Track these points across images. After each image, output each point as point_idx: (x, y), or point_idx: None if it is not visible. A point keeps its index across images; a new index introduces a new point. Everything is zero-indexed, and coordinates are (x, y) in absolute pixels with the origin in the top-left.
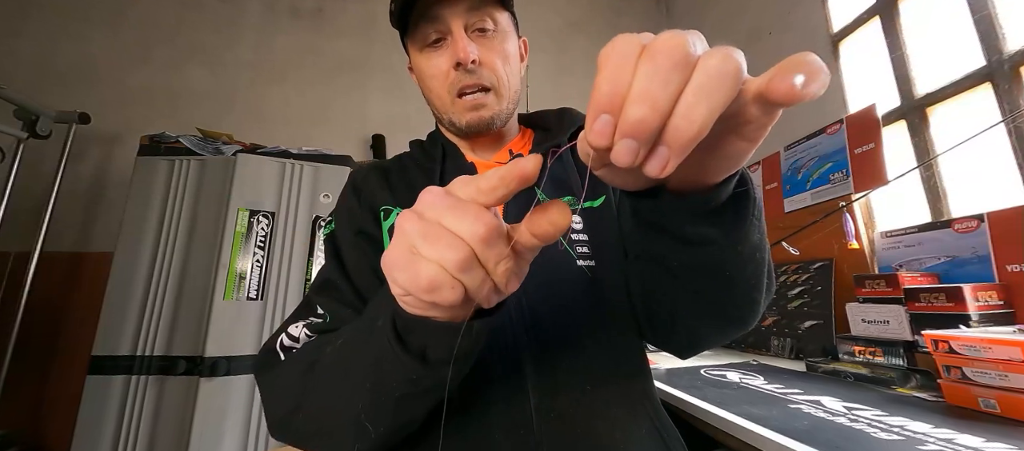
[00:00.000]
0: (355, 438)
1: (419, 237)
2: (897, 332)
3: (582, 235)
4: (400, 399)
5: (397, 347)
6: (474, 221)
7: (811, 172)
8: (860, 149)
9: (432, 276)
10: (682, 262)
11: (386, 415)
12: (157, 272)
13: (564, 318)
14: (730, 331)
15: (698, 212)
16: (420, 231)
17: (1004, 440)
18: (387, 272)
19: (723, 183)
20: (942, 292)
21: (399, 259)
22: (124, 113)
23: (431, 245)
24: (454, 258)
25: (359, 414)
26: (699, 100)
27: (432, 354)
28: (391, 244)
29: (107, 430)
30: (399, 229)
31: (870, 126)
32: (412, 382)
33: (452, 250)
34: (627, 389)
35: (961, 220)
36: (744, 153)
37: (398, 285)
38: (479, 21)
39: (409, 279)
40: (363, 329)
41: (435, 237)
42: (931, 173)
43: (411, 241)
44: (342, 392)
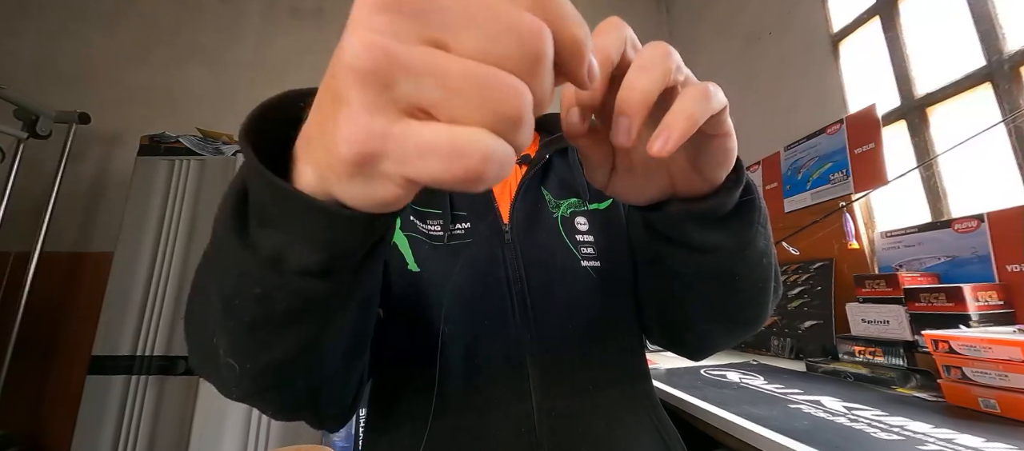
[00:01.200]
0: (228, 376)
1: (434, 87)
2: (897, 332)
3: (588, 236)
4: (254, 326)
5: (237, 246)
6: (531, 31)
7: (811, 172)
8: (860, 149)
9: (496, 153)
10: (693, 269)
11: (247, 348)
12: (157, 272)
13: (568, 318)
14: (740, 333)
15: (707, 221)
16: (425, 72)
17: (1004, 440)
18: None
19: (729, 190)
20: (942, 292)
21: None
22: (124, 113)
23: (468, 96)
24: (513, 112)
25: (218, 348)
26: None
27: (295, 260)
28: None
29: (107, 430)
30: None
31: (870, 126)
32: (260, 300)
33: (509, 98)
34: (629, 389)
35: (961, 220)
36: (722, 147)
37: (412, 182)
38: None
39: (448, 168)
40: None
41: (471, 80)
42: (931, 173)
43: (411, 98)
44: (203, 318)
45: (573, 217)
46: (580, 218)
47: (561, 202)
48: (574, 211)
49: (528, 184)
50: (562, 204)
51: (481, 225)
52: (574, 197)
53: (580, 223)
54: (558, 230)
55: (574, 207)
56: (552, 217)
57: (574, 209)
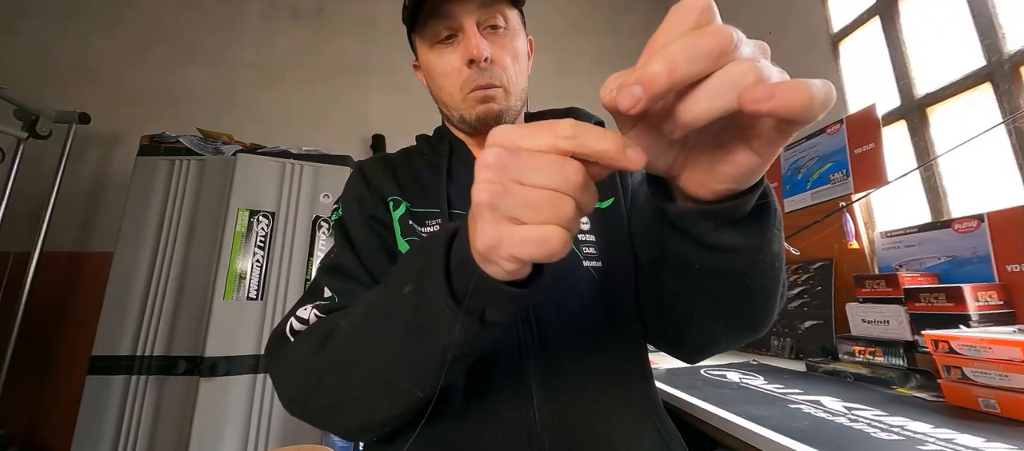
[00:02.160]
0: (392, 401)
1: (520, 205)
2: (897, 332)
3: (589, 236)
4: (454, 361)
5: (455, 310)
6: (569, 172)
7: (811, 172)
8: (860, 149)
9: (562, 238)
10: (704, 266)
11: (432, 378)
12: (157, 272)
13: (569, 318)
14: (744, 335)
15: (723, 221)
16: (516, 199)
17: (1004, 440)
18: (493, 252)
19: (748, 194)
20: (942, 292)
21: (508, 235)
22: (124, 113)
23: (539, 209)
24: (568, 213)
25: (393, 379)
26: (704, 97)
27: (492, 315)
28: (481, 221)
29: (107, 430)
30: (485, 206)
31: (870, 126)
32: (467, 344)
33: (563, 207)
34: (630, 390)
35: (961, 220)
36: (756, 169)
37: (521, 260)
38: (491, 18)
39: (538, 249)
40: (389, 297)
41: (540, 200)
42: (931, 173)
43: (509, 213)
44: (370, 359)
45: None
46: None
47: None
48: None
49: None
50: None
51: None
52: None
53: (582, 223)
54: None
55: None
56: None
57: None
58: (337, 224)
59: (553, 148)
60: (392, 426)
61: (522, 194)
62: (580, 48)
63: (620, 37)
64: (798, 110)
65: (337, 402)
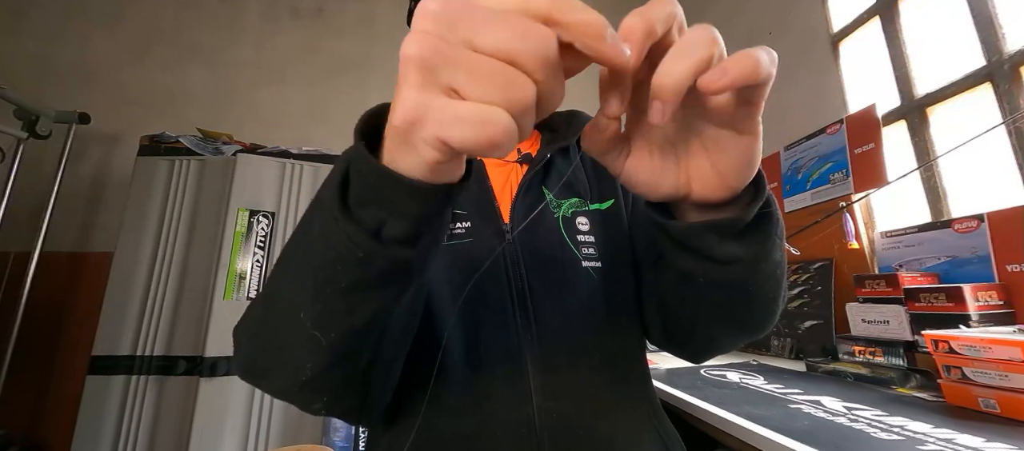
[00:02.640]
0: (306, 353)
1: (464, 72)
2: (897, 332)
3: (589, 237)
4: (347, 291)
5: (344, 221)
6: (539, 38)
7: (811, 172)
8: (860, 149)
9: (509, 128)
10: (708, 278)
11: (335, 316)
12: (157, 272)
13: (568, 318)
14: (746, 337)
15: (726, 233)
16: (462, 63)
17: (1004, 440)
18: (415, 131)
19: (750, 203)
20: (942, 292)
21: (440, 109)
22: (124, 113)
23: (490, 82)
24: (525, 97)
25: (305, 324)
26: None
27: (391, 227)
28: (405, 86)
29: (107, 430)
30: (416, 63)
31: (870, 126)
32: (361, 263)
33: (520, 87)
34: (629, 391)
35: (961, 220)
36: (748, 149)
37: (448, 146)
38: None
39: (475, 134)
40: (303, 227)
41: (492, 70)
42: (931, 173)
43: (447, 80)
44: (287, 306)
45: (574, 217)
46: (581, 218)
47: (562, 202)
48: (575, 211)
49: (529, 183)
50: (563, 204)
51: (482, 224)
52: (576, 197)
53: (581, 223)
54: (559, 230)
55: (575, 207)
56: (553, 217)
57: (575, 209)
58: None
59: (522, 8)
60: (320, 391)
61: (468, 59)
62: None
63: None
64: (751, 75)
65: (267, 359)
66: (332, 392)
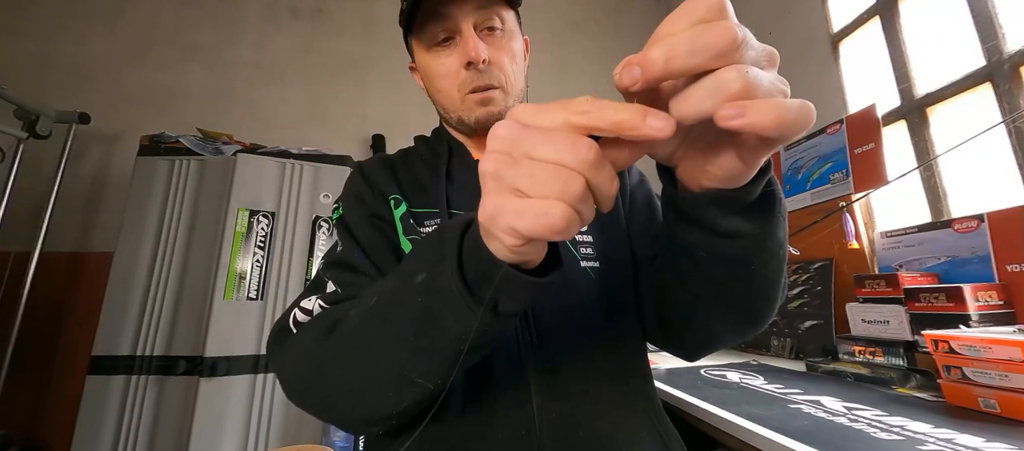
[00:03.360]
0: (403, 393)
1: (524, 177)
2: (897, 332)
3: (587, 237)
4: (468, 352)
5: (468, 298)
6: (580, 148)
7: (811, 172)
8: (860, 149)
9: (565, 214)
10: (712, 253)
11: (445, 369)
12: (157, 272)
13: (568, 319)
14: (746, 329)
15: (731, 207)
16: (522, 171)
17: (1004, 440)
18: (493, 222)
19: (755, 180)
20: (942, 292)
21: (510, 206)
22: (124, 113)
23: (544, 183)
24: (575, 191)
25: (403, 369)
26: (692, 97)
27: (505, 306)
28: (486, 192)
29: (107, 430)
30: (491, 176)
31: (870, 126)
32: (481, 334)
33: (571, 183)
34: (629, 391)
35: (961, 220)
36: (741, 173)
37: (520, 234)
38: (487, 20)
39: (538, 222)
40: (402, 286)
41: (545, 173)
42: (931, 173)
43: (513, 184)
44: (379, 348)
45: None
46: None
47: None
48: None
49: None
50: None
51: None
52: None
53: None
54: None
55: None
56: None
57: None
58: (339, 221)
59: (566, 124)
60: (397, 420)
61: (528, 166)
62: (581, 47)
63: (621, 36)
64: (769, 129)
65: (342, 391)
66: (402, 419)
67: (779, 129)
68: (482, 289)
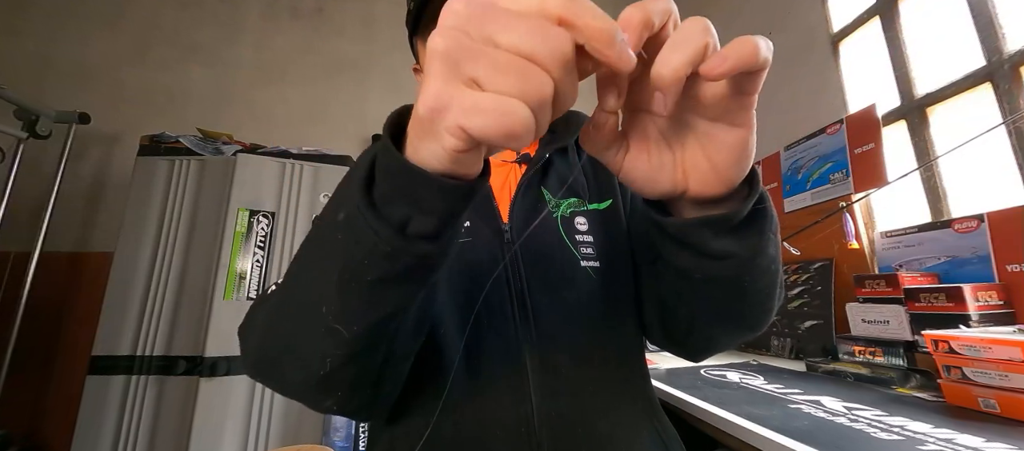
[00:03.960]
0: (325, 347)
1: (486, 65)
2: (897, 332)
3: (587, 236)
4: (374, 285)
5: (371, 216)
6: (556, 38)
7: (811, 172)
8: (860, 149)
9: (526, 119)
10: (704, 274)
11: (359, 309)
12: (157, 272)
13: (567, 317)
14: (744, 336)
15: (721, 228)
16: (483, 58)
17: (1004, 440)
18: (436, 116)
19: (744, 198)
20: (942, 292)
21: (461, 99)
22: (124, 113)
23: (508, 76)
24: (543, 92)
25: (327, 318)
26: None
27: (415, 226)
28: (432, 75)
29: (107, 430)
30: (441, 57)
31: (870, 126)
32: (388, 258)
33: (538, 81)
34: (628, 390)
35: (961, 220)
36: (742, 142)
37: (468, 134)
38: None
39: (494, 123)
40: (324, 222)
41: (510, 65)
42: (931, 173)
43: (470, 73)
44: (306, 301)
45: (573, 217)
46: (580, 218)
47: (561, 202)
48: (574, 211)
49: (528, 183)
50: (562, 204)
51: (481, 225)
52: (574, 197)
53: (580, 223)
54: (558, 230)
55: (574, 207)
56: (552, 217)
57: (574, 209)
58: None
59: (540, 10)
60: (333, 387)
61: (490, 54)
62: None
63: None
64: (752, 59)
65: (281, 350)
66: (346, 388)
67: (758, 57)
68: (392, 206)
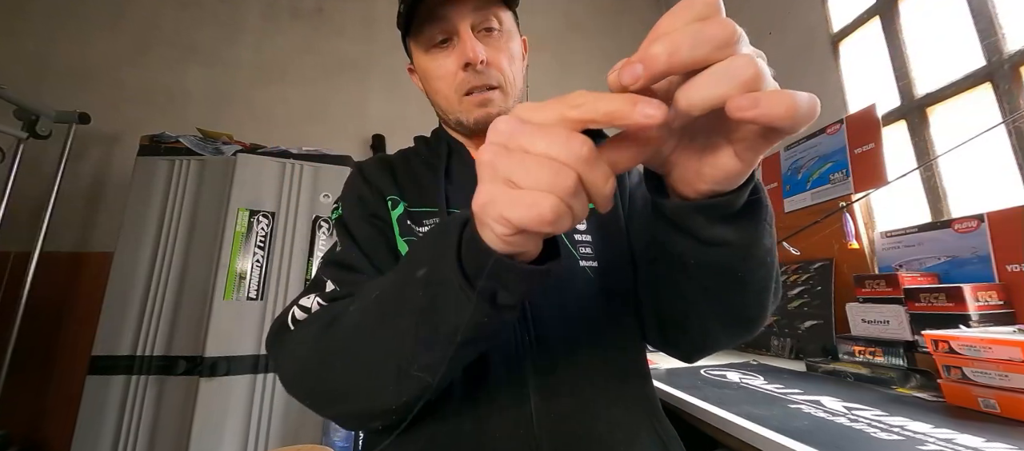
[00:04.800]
0: (404, 389)
1: (518, 168)
2: (897, 332)
3: (586, 236)
4: (462, 345)
5: (467, 289)
6: (573, 143)
7: (811, 172)
8: (860, 149)
9: (554, 206)
10: (699, 261)
11: (444, 361)
12: (157, 272)
13: (566, 318)
14: (740, 333)
15: (717, 216)
16: (515, 162)
17: (1004, 440)
18: (484, 211)
19: (741, 190)
20: (942, 292)
21: (502, 195)
22: (124, 113)
23: (536, 175)
24: (566, 185)
25: (403, 362)
26: (702, 85)
27: (503, 297)
28: (481, 179)
29: (107, 430)
30: (487, 165)
31: (870, 126)
32: (479, 327)
33: (562, 177)
34: (627, 390)
35: (961, 220)
36: (736, 174)
37: (510, 222)
38: (485, 21)
39: (527, 212)
40: (403, 280)
41: (538, 166)
42: (931, 173)
43: (506, 175)
44: (380, 342)
45: None
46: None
47: None
48: None
49: None
50: None
51: None
52: None
53: (578, 224)
54: None
55: None
56: None
57: None
58: (338, 222)
59: (561, 118)
60: (396, 416)
61: (522, 159)
62: (581, 48)
63: (621, 37)
64: (781, 119)
65: (343, 386)
66: (401, 415)
67: (791, 120)
68: (479, 280)
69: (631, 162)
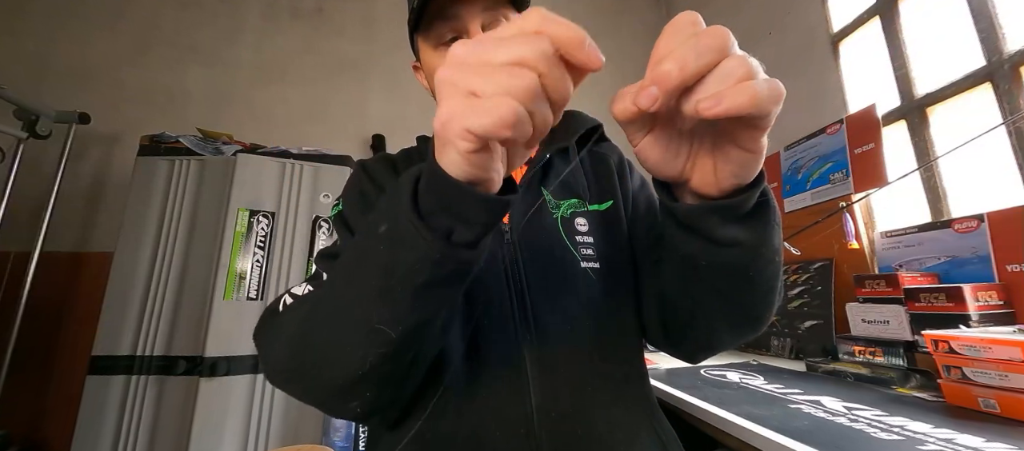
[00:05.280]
0: (367, 347)
1: (477, 78)
2: (897, 332)
3: (588, 237)
4: (420, 289)
5: (420, 226)
6: (535, 42)
7: (811, 172)
8: (860, 149)
9: (514, 108)
10: (710, 262)
11: (405, 311)
12: (157, 272)
13: (566, 318)
14: (746, 331)
15: (728, 216)
16: (475, 73)
17: (1004, 440)
18: (446, 127)
19: (750, 190)
20: (942, 292)
21: (461, 107)
22: (124, 113)
23: (496, 79)
24: (525, 85)
25: (371, 321)
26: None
27: (460, 234)
28: (441, 99)
29: (107, 430)
30: (446, 83)
31: (870, 126)
32: (435, 265)
33: (522, 77)
34: (627, 390)
35: (961, 220)
36: (748, 162)
37: (472, 134)
38: (495, 21)
39: (487, 118)
40: (366, 237)
41: (498, 72)
42: (931, 173)
43: (467, 87)
44: (347, 303)
45: (573, 218)
46: (580, 219)
47: (561, 202)
48: (574, 212)
49: (529, 184)
50: (562, 204)
51: None
52: (574, 198)
53: (580, 224)
54: (558, 230)
55: (574, 208)
56: (552, 217)
57: (574, 210)
58: (337, 217)
59: (520, 29)
60: (367, 388)
61: (481, 69)
62: None
63: (621, 38)
64: (747, 107)
65: (320, 357)
66: (375, 388)
67: (755, 107)
68: (436, 218)
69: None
